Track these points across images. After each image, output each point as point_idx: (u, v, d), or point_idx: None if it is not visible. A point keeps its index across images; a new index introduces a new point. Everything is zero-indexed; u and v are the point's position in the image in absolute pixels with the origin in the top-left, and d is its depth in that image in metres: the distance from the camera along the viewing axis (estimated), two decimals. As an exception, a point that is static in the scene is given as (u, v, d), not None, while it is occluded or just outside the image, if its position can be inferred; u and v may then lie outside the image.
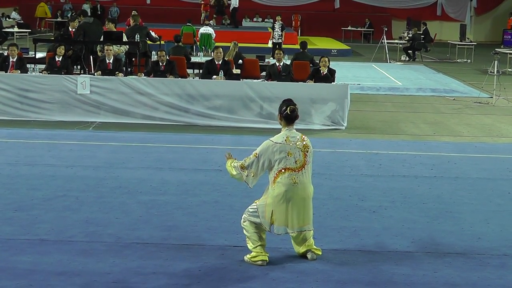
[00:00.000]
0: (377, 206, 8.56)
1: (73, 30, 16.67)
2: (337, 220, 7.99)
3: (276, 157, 6.55)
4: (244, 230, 6.71)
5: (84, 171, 9.80)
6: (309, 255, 6.68)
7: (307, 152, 6.61)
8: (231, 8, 32.45)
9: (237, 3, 31.90)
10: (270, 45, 25.78)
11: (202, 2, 34.66)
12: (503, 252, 7.14)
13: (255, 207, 6.67)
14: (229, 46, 17.50)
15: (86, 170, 9.86)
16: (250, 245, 6.65)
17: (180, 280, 6.18)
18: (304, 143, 6.63)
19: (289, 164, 6.52)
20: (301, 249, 6.72)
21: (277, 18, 26.11)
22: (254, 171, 6.63)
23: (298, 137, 6.64)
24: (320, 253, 6.75)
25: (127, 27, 21.34)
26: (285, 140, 6.58)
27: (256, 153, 6.63)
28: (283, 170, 6.53)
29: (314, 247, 6.75)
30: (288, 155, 6.53)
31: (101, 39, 15.41)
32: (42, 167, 9.92)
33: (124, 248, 6.89)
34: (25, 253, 6.69)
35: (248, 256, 6.62)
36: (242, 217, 6.76)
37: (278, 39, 25.22)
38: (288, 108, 6.66)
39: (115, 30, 16.77)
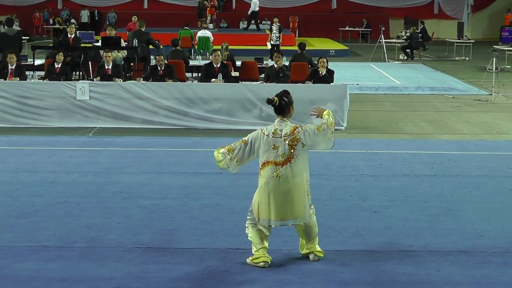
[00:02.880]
0: (378, 206, 8.56)
1: (72, 36, 16.70)
2: (339, 221, 7.99)
3: (262, 148, 6.49)
4: (247, 233, 6.70)
5: (84, 176, 9.80)
6: (311, 257, 6.68)
7: (295, 145, 6.45)
8: (249, 12, 32.40)
9: (257, 7, 31.80)
10: (268, 46, 25.82)
11: (209, 5, 34.72)
12: (505, 249, 7.14)
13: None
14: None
15: (87, 175, 9.86)
16: (253, 249, 6.64)
17: (182, 284, 6.17)
18: (294, 136, 6.47)
19: (272, 157, 6.43)
20: (304, 250, 6.73)
21: (274, 20, 26.15)
22: (240, 157, 6.58)
23: (288, 129, 6.49)
24: (322, 255, 6.73)
25: (127, 32, 21.43)
26: (273, 132, 6.48)
27: (245, 140, 6.58)
28: (266, 163, 6.47)
29: (318, 249, 6.72)
30: (272, 148, 6.44)
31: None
32: (43, 174, 9.92)
33: (126, 253, 6.89)
34: (27, 260, 6.69)
35: (250, 258, 6.62)
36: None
37: (276, 41, 25.25)
38: (274, 100, 6.54)
39: (114, 35, 16.84)
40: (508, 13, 37.65)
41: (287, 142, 6.45)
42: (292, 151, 6.45)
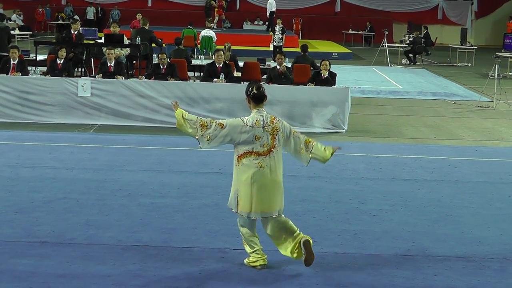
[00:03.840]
0: (377, 210, 8.56)
1: (75, 32, 16.71)
2: (338, 224, 7.99)
3: (241, 138, 6.37)
4: (240, 233, 6.69)
5: (84, 173, 9.81)
6: (303, 240, 6.37)
7: (276, 134, 6.40)
8: (268, 13, 32.36)
9: (274, 7, 31.76)
10: (271, 48, 25.84)
11: (216, 6, 34.73)
12: (503, 255, 7.14)
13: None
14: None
15: (87, 172, 9.87)
16: (247, 249, 6.63)
17: (180, 283, 6.18)
18: (274, 125, 6.41)
19: (255, 148, 6.34)
20: (290, 246, 6.50)
21: (277, 21, 26.17)
22: (211, 137, 6.42)
23: (268, 120, 6.43)
24: (309, 238, 6.46)
25: (131, 29, 21.46)
26: (255, 123, 6.38)
27: (222, 124, 6.42)
28: (249, 153, 6.37)
29: (302, 235, 6.47)
30: (255, 139, 6.34)
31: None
32: (43, 170, 9.93)
33: (124, 250, 6.89)
34: (25, 255, 6.69)
35: (247, 260, 6.62)
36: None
37: (279, 42, 25.26)
38: (254, 87, 6.50)
39: (117, 32, 16.85)
40: (510, 20, 37.64)
41: (268, 131, 6.39)
42: (273, 141, 6.40)
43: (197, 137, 6.47)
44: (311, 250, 6.41)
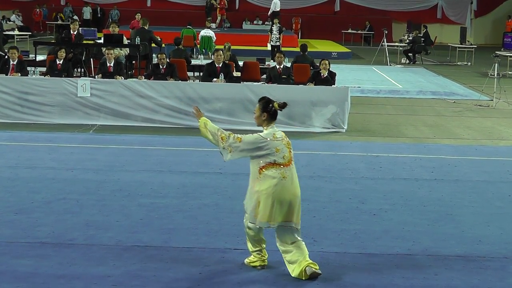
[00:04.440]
0: (377, 209, 8.56)
1: (74, 33, 16.71)
2: (338, 223, 7.99)
3: (261, 152, 6.41)
4: (245, 233, 6.68)
5: (84, 174, 9.81)
6: (308, 270, 6.30)
7: (291, 148, 6.54)
8: (269, 13, 32.29)
9: (278, 7, 31.70)
10: (268, 47, 25.80)
11: (219, 6, 34.70)
12: (503, 255, 7.14)
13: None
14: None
15: (87, 173, 9.86)
16: (250, 247, 6.62)
17: (180, 283, 6.17)
18: (287, 139, 6.57)
19: (278, 160, 6.40)
20: (296, 269, 6.37)
21: (274, 21, 26.11)
22: (232, 149, 6.49)
23: (281, 134, 6.58)
24: (317, 267, 6.34)
25: (130, 30, 21.45)
26: (273, 137, 6.47)
27: (240, 138, 6.49)
28: (271, 164, 6.41)
29: (311, 262, 6.37)
30: (276, 151, 6.41)
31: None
32: (43, 170, 9.92)
33: (124, 251, 6.89)
34: (25, 256, 6.69)
35: (247, 259, 6.61)
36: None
37: (276, 41, 25.22)
38: (277, 104, 6.63)
39: (116, 33, 16.84)
40: (509, 19, 37.63)
41: (285, 144, 6.50)
42: (290, 154, 6.51)
43: (220, 150, 6.59)
44: (316, 276, 6.35)
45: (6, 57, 14.42)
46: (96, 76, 14.26)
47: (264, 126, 6.58)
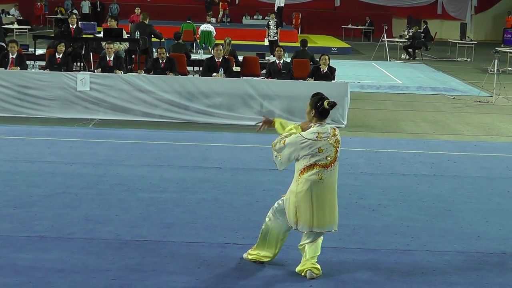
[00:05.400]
0: (376, 204, 8.56)
1: (73, 27, 16.69)
2: (337, 218, 7.98)
3: (304, 153, 6.21)
4: (264, 225, 6.51)
5: (83, 168, 9.81)
6: (308, 274, 6.26)
7: (338, 147, 6.30)
8: (276, 8, 32.21)
9: (283, 3, 31.60)
10: (266, 43, 25.74)
11: (221, 0, 34.64)
12: (502, 250, 7.15)
13: (281, 202, 6.41)
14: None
15: (86, 167, 9.86)
16: (260, 239, 6.50)
17: (179, 277, 6.18)
18: (336, 137, 6.32)
19: (320, 161, 6.19)
20: (299, 267, 6.33)
21: (271, 16, 26.05)
22: (282, 155, 6.32)
23: (330, 132, 6.33)
24: (319, 272, 6.28)
25: (130, 24, 21.42)
26: (317, 136, 6.25)
27: (284, 142, 6.33)
28: (312, 166, 6.19)
29: (316, 266, 6.31)
30: (319, 151, 6.20)
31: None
32: (42, 164, 9.92)
33: (123, 245, 6.89)
34: (24, 250, 6.69)
35: (247, 252, 6.60)
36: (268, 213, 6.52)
37: (274, 36, 25.17)
38: (327, 102, 6.39)
39: (116, 27, 16.83)
40: (509, 15, 37.60)
41: (331, 144, 6.28)
42: (336, 154, 6.29)
43: (273, 160, 6.43)
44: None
45: (6, 51, 14.40)
46: (95, 70, 14.25)
47: (313, 123, 6.42)
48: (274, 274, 6.32)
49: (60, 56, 14.38)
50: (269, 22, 25.67)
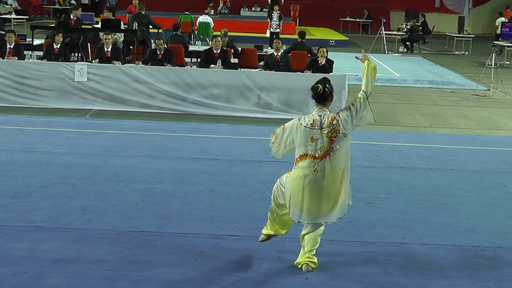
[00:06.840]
0: (373, 197, 8.57)
1: (74, 18, 16.65)
2: (333, 211, 7.98)
3: (298, 139, 6.05)
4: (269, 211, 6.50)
5: (80, 158, 9.80)
6: (304, 267, 6.24)
7: (334, 137, 6.02)
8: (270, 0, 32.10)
9: None
10: (267, 34, 25.73)
11: None
12: (498, 244, 7.16)
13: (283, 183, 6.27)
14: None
15: (83, 157, 9.85)
16: (269, 219, 6.51)
17: (175, 268, 6.18)
18: (332, 127, 6.03)
19: (310, 151, 6.00)
20: (298, 259, 6.32)
21: (275, 8, 26.04)
22: (279, 142, 6.21)
23: (326, 120, 6.05)
24: (315, 266, 6.27)
25: (128, 15, 21.38)
26: (311, 123, 6.04)
27: (284, 126, 6.23)
28: (304, 156, 6.03)
29: (313, 260, 6.29)
30: (310, 141, 6.01)
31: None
32: (39, 154, 9.91)
33: (119, 236, 6.89)
34: (20, 240, 6.69)
35: (261, 236, 6.59)
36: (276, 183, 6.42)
37: (276, 28, 25.16)
38: (312, 86, 6.13)
39: (113, 18, 16.79)
40: (507, 9, 37.57)
41: (325, 134, 6.02)
42: (331, 144, 6.03)
43: (269, 146, 6.33)
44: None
45: (4, 40, 14.36)
46: (93, 61, 14.22)
47: (315, 107, 6.20)
48: (271, 266, 6.32)
49: (58, 46, 14.35)
50: (272, 14, 25.63)
